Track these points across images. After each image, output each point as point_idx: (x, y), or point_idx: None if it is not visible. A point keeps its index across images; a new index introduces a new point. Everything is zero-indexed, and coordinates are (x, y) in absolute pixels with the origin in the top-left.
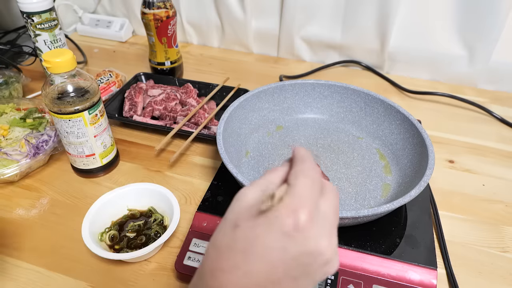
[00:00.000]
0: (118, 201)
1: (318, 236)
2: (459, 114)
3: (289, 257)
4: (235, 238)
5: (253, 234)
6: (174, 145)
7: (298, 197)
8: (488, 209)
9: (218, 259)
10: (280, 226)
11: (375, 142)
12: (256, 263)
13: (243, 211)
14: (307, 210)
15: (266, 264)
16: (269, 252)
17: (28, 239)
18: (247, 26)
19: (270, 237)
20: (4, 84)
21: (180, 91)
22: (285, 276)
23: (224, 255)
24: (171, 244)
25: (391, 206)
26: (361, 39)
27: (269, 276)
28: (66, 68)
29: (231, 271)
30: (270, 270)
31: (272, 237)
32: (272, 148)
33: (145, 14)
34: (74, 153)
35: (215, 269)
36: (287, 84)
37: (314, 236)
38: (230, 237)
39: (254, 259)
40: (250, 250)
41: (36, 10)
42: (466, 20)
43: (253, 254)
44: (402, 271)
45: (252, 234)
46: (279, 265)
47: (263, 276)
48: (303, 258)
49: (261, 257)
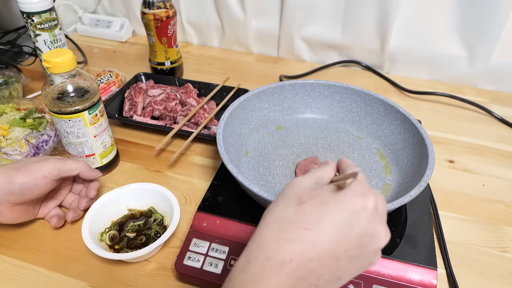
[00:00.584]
0: (118, 201)
1: (380, 221)
2: (459, 114)
3: (353, 235)
4: (302, 212)
5: (322, 210)
6: (174, 145)
7: (364, 186)
8: (488, 209)
9: (284, 230)
10: (350, 204)
11: (375, 142)
12: (322, 236)
13: (306, 190)
14: (373, 197)
15: (331, 238)
16: (336, 227)
17: (28, 239)
18: (247, 26)
19: (339, 213)
20: (4, 84)
21: (180, 91)
22: (344, 254)
23: (290, 227)
24: (171, 244)
25: (391, 206)
26: (361, 39)
27: (331, 252)
28: (66, 68)
29: (297, 241)
30: (333, 244)
31: (341, 213)
32: (272, 148)
33: (145, 14)
34: (74, 153)
35: (280, 239)
36: (287, 84)
37: (377, 220)
38: (296, 211)
39: (321, 232)
40: (318, 223)
41: (36, 10)
42: (466, 20)
43: (320, 227)
44: (402, 271)
45: (321, 210)
46: (343, 241)
47: (326, 250)
48: (364, 238)
49: (328, 231)
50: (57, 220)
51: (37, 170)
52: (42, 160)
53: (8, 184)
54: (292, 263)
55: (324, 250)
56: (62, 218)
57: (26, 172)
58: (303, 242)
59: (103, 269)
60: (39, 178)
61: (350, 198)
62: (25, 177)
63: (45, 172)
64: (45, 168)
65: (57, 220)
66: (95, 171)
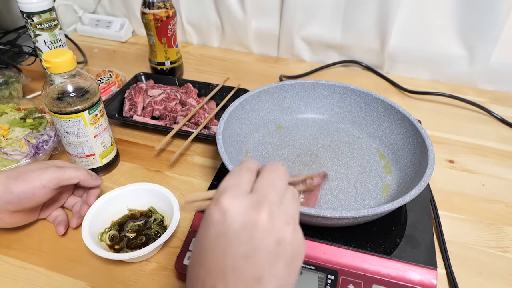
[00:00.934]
0: (118, 201)
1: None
2: (459, 114)
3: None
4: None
5: (199, 233)
6: (174, 145)
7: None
8: (488, 209)
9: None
10: (207, 218)
11: (375, 142)
12: (204, 254)
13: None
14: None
15: (206, 251)
16: (205, 240)
17: (28, 239)
18: (247, 26)
19: (204, 228)
20: (4, 84)
21: (180, 91)
22: (235, 257)
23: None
24: (171, 244)
25: (391, 206)
26: (361, 39)
27: (218, 263)
28: (66, 68)
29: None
30: (218, 261)
31: (205, 228)
32: (272, 148)
33: (145, 14)
34: (74, 153)
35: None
36: (287, 84)
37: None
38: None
39: (204, 252)
40: (200, 246)
41: (36, 10)
42: (466, 20)
43: (202, 248)
44: (402, 271)
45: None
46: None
47: (214, 264)
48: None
49: (203, 247)
50: (64, 228)
51: (36, 180)
52: (41, 168)
53: (5, 194)
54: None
55: (212, 265)
56: (66, 224)
57: (25, 182)
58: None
59: (103, 269)
60: (38, 187)
61: (207, 212)
62: (23, 186)
63: (44, 181)
64: (44, 177)
65: (63, 228)
66: (96, 179)
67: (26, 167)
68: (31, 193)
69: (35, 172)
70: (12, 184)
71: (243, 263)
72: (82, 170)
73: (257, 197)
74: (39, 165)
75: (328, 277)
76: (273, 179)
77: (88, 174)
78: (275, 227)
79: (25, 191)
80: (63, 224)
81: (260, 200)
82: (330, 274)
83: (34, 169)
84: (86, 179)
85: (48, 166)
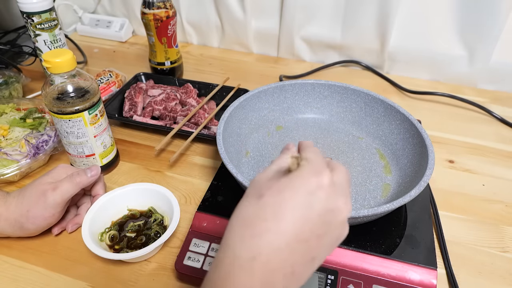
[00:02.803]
0: (118, 201)
1: (337, 195)
2: (459, 114)
3: (314, 214)
4: (263, 205)
5: (280, 198)
6: (174, 145)
7: (317, 163)
8: (488, 209)
9: (247, 227)
10: (305, 185)
11: (375, 142)
12: (286, 223)
13: (264, 182)
14: (328, 172)
15: (295, 223)
16: (297, 211)
17: (28, 239)
18: (247, 26)
19: (296, 196)
20: (4, 84)
21: (180, 91)
22: (312, 234)
23: (253, 222)
24: (171, 244)
25: (391, 206)
26: (361, 39)
27: (298, 235)
28: (66, 68)
29: (262, 235)
30: (298, 228)
31: (298, 197)
32: (272, 148)
33: (145, 14)
34: (74, 153)
35: (245, 236)
36: (287, 84)
37: (334, 195)
38: (257, 206)
39: (284, 219)
40: (279, 212)
41: (36, 10)
42: (466, 20)
43: (282, 215)
44: (402, 271)
45: (279, 198)
46: (306, 223)
47: (293, 235)
48: (326, 215)
49: (290, 217)
50: (58, 230)
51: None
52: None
53: (18, 230)
54: (261, 256)
55: (290, 236)
56: (62, 226)
57: (34, 223)
58: (267, 234)
59: (103, 269)
60: (49, 217)
61: (304, 179)
62: (34, 225)
63: (51, 212)
64: (48, 211)
65: (57, 229)
66: (91, 175)
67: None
68: (42, 228)
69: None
70: (24, 223)
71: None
72: (76, 177)
73: (343, 190)
74: (37, 193)
75: (328, 277)
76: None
77: (84, 175)
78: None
79: (37, 229)
80: (58, 225)
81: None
82: (330, 274)
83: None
84: (83, 182)
85: (44, 190)
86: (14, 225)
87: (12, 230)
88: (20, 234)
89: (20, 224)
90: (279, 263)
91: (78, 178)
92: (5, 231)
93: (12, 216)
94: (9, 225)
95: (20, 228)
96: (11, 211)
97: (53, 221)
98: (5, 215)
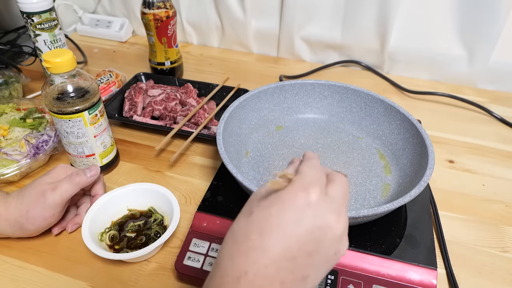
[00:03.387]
0: (118, 201)
1: (327, 211)
2: (459, 114)
3: (302, 230)
4: (251, 221)
5: (266, 214)
6: (174, 145)
7: (307, 178)
8: (488, 209)
9: (235, 244)
10: (292, 201)
11: (375, 142)
12: (270, 239)
13: (256, 200)
14: (317, 188)
15: (281, 239)
16: (283, 227)
17: (28, 239)
18: (247, 26)
19: (283, 212)
20: (4, 84)
21: (180, 91)
22: (300, 251)
23: (241, 239)
24: (171, 244)
25: (391, 206)
26: (361, 39)
27: (286, 253)
28: (66, 68)
29: (248, 253)
30: (285, 245)
31: (285, 212)
32: (272, 148)
33: (145, 14)
34: (74, 153)
35: (233, 253)
36: (287, 84)
37: (324, 211)
38: (246, 223)
39: (268, 235)
40: (265, 228)
41: (36, 10)
42: (466, 20)
43: (267, 231)
44: (402, 271)
45: (266, 214)
46: (293, 239)
47: (279, 252)
48: (315, 232)
49: (275, 233)
50: (58, 229)
51: (42, 215)
52: (40, 197)
53: (18, 230)
54: (247, 275)
55: (276, 253)
56: (63, 226)
57: (33, 223)
58: (253, 251)
59: (103, 269)
60: (49, 217)
61: (291, 195)
62: (33, 225)
63: (51, 212)
64: (48, 211)
65: (57, 229)
66: (91, 175)
67: (27, 202)
68: (42, 228)
69: (39, 207)
70: (24, 224)
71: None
72: (76, 177)
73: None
74: (37, 193)
75: (328, 277)
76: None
77: (83, 175)
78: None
79: (37, 229)
80: (58, 225)
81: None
82: (330, 274)
83: (34, 202)
84: (82, 182)
85: (44, 190)
86: (14, 226)
87: (12, 231)
88: (20, 234)
89: (20, 224)
90: (265, 281)
91: (77, 178)
92: (5, 231)
93: (12, 217)
94: (9, 225)
95: (20, 229)
96: (11, 211)
97: (53, 221)
98: (5, 216)
